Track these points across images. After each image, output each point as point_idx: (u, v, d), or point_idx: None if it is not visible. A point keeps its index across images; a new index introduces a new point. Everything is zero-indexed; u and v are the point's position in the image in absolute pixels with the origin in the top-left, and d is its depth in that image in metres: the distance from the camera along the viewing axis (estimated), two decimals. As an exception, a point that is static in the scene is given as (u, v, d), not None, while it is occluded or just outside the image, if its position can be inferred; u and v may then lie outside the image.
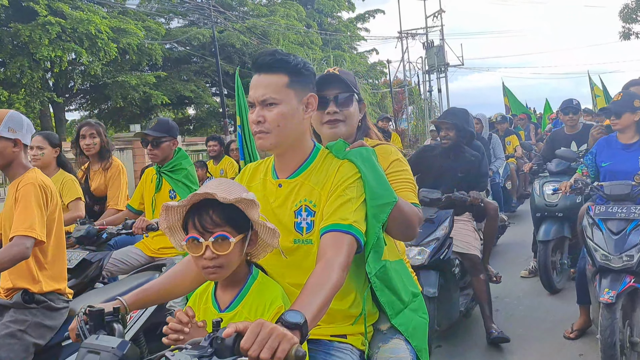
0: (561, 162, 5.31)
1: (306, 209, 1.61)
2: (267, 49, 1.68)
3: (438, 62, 30.95)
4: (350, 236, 1.51)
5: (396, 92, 30.16)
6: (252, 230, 1.50)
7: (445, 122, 4.14)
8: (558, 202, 5.11)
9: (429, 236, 3.70)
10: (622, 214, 3.44)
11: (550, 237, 4.99)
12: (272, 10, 24.48)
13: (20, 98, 15.56)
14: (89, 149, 4.16)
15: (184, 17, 23.01)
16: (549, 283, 4.94)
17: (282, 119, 1.57)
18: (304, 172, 1.66)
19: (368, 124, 2.20)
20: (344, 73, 2.09)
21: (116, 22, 16.48)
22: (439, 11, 32.55)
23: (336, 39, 28.56)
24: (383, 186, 1.64)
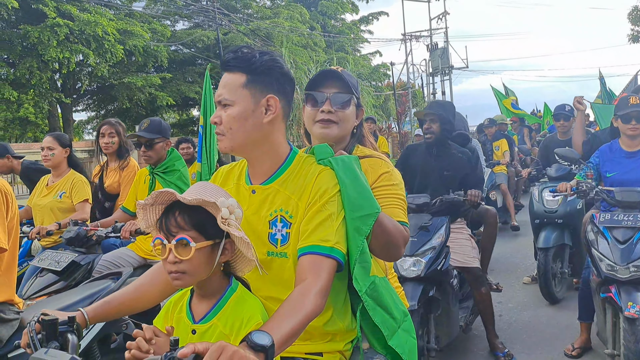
0: (561, 167, 5.18)
1: (282, 220, 1.49)
2: (238, 46, 1.56)
3: (442, 65, 30.97)
4: (331, 260, 1.40)
5: (399, 95, 30.23)
6: (227, 239, 1.39)
7: (430, 112, 3.80)
8: (558, 209, 4.95)
9: (424, 245, 3.43)
10: (629, 222, 3.24)
11: (550, 244, 4.82)
12: (275, 12, 24.60)
13: (29, 98, 15.71)
14: (107, 148, 4.18)
15: (189, 19, 23.15)
16: (548, 293, 4.78)
17: (234, 121, 1.46)
18: (278, 179, 1.53)
19: (364, 132, 2.07)
20: (347, 74, 1.97)
21: (123, 24, 16.63)
22: (443, 13, 32.63)
23: (340, 41, 28.68)
24: (364, 196, 1.51)
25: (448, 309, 3.60)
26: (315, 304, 1.33)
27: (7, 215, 2.38)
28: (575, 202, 4.99)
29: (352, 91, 1.94)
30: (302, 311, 1.30)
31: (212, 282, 1.41)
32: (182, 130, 25.69)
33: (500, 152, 8.42)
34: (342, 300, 1.57)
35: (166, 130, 3.72)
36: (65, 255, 3.15)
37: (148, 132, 3.61)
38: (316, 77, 1.99)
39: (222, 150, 1.52)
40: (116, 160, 4.22)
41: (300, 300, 1.32)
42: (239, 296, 1.42)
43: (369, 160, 1.88)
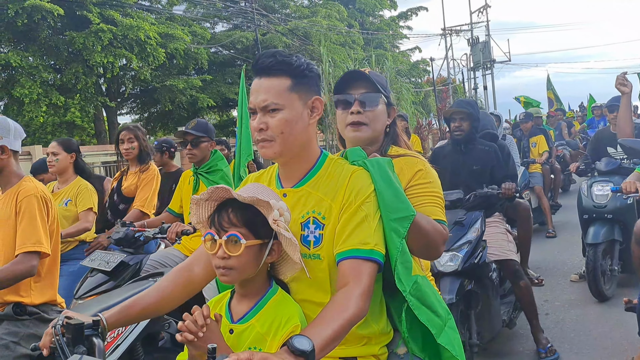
0: (611, 161, 5.06)
1: (314, 221, 1.48)
2: (269, 51, 1.54)
3: (484, 59, 30.43)
4: (371, 263, 1.40)
5: (440, 91, 29.82)
6: (275, 239, 1.41)
7: (461, 110, 3.86)
8: (607, 203, 4.81)
9: (460, 240, 3.44)
10: None
11: (599, 239, 4.71)
12: (313, 11, 24.63)
13: (75, 103, 16.20)
14: (127, 154, 4.20)
15: (228, 21, 23.42)
16: (597, 290, 4.66)
17: (286, 125, 1.45)
18: (310, 181, 1.53)
19: (398, 131, 2.03)
20: (374, 74, 1.96)
21: (164, 28, 16.96)
22: (484, 6, 32.05)
23: (378, 38, 28.49)
24: (400, 199, 1.50)
25: (489, 304, 3.58)
26: (358, 307, 1.34)
27: (48, 220, 2.45)
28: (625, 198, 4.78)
29: (380, 90, 1.91)
30: (345, 315, 1.31)
31: (255, 282, 1.43)
32: (222, 131, 26.01)
33: (537, 149, 8.01)
34: (377, 302, 1.55)
35: (212, 131, 3.79)
36: (114, 255, 3.22)
37: (195, 131, 3.68)
38: (342, 79, 1.97)
39: (269, 156, 1.48)
40: (137, 164, 4.23)
41: (343, 304, 1.33)
42: (279, 299, 1.44)
43: (404, 159, 1.86)
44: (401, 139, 2.02)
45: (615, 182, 4.85)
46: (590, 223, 4.89)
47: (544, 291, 5.19)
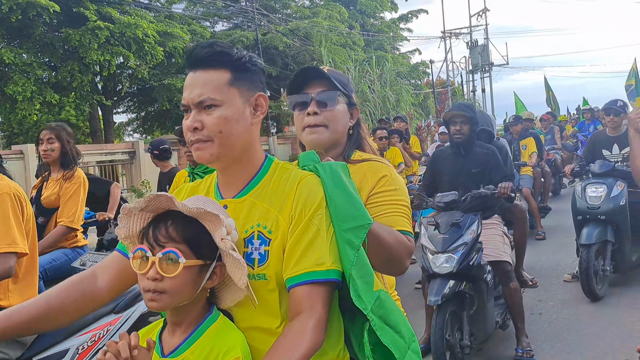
0: (605, 164, 5.14)
1: (259, 236, 1.29)
2: (205, 41, 1.38)
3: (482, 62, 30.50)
4: (328, 285, 1.25)
5: (439, 93, 29.80)
6: (217, 261, 1.24)
7: (461, 114, 3.89)
8: (601, 205, 4.91)
9: (456, 241, 3.48)
10: None
11: (593, 240, 4.79)
12: (314, 12, 24.59)
13: (70, 101, 16.12)
14: (46, 156, 3.72)
15: (228, 20, 23.39)
16: (590, 290, 4.72)
17: (225, 123, 1.29)
18: (254, 189, 1.35)
19: (362, 133, 1.85)
20: (333, 71, 1.80)
21: (162, 26, 16.87)
22: (483, 10, 32.11)
23: (378, 40, 28.45)
24: (353, 206, 1.32)
25: (483, 305, 3.59)
26: (313, 340, 1.20)
27: (23, 219, 2.38)
28: (619, 199, 4.93)
29: (339, 88, 1.74)
30: (298, 353, 1.17)
31: (191, 310, 1.24)
32: (221, 131, 26.00)
33: (527, 152, 7.96)
34: (334, 324, 1.35)
35: None
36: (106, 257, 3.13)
37: None
38: (297, 77, 1.78)
39: (204, 160, 1.31)
40: (59, 170, 3.74)
41: (296, 339, 1.18)
42: (219, 327, 1.25)
43: (367, 164, 1.70)
44: (366, 142, 1.85)
45: (609, 185, 4.97)
46: (584, 224, 4.97)
47: (538, 291, 5.17)
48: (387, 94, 20.26)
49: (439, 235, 3.55)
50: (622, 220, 4.90)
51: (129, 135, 25.63)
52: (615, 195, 4.93)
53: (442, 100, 29.25)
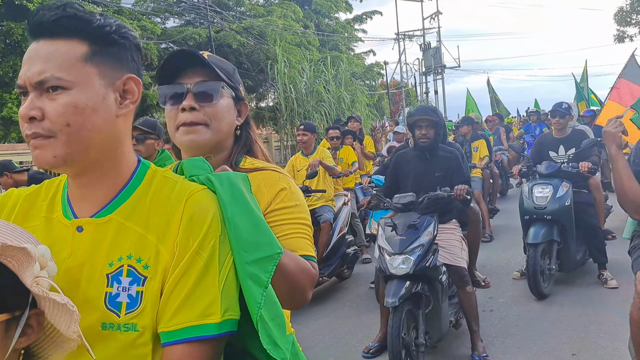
0: (551, 165, 5.29)
1: (130, 273, 0.96)
2: (54, 3, 0.99)
3: (435, 64, 31.06)
4: (217, 342, 0.95)
5: (393, 94, 30.14)
6: (31, 309, 0.85)
7: (426, 118, 3.89)
8: (547, 205, 5.05)
9: (412, 243, 3.53)
10: None
11: (539, 240, 4.92)
12: (269, 10, 24.41)
13: (12, 98, 15.42)
14: None
15: (180, 16, 22.93)
16: (537, 289, 4.85)
17: (74, 113, 0.94)
18: (122, 206, 1.00)
19: (253, 136, 1.53)
20: (215, 58, 1.45)
21: (111, 22, 16.36)
22: (436, 13, 32.69)
23: (333, 40, 28.51)
24: (260, 231, 1.03)
25: (438, 305, 3.67)
26: None
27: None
28: (564, 199, 5.07)
29: (223, 78, 1.41)
30: None
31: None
32: (173, 130, 25.48)
33: (478, 153, 8.09)
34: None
35: (160, 130, 3.66)
36: None
37: (142, 126, 3.56)
38: (167, 63, 1.39)
39: (45, 163, 0.95)
40: None
41: None
42: None
43: (261, 174, 1.38)
44: (257, 146, 1.51)
45: (555, 185, 5.13)
46: (531, 224, 5.12)
47: (489, 289, 5.26)
48: (342, 94, 20.31)
49: (396, 236, 3.60)
50: (568, 220, 5.06)
51: (76, 134, 24.73)
52: (561, 196, 5.06)
53: (396, 101, 29.58)
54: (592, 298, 4.88)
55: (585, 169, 5.03)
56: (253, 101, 25.54)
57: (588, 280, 5.36)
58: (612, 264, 5.46)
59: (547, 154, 5.53)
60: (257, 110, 23.94)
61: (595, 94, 13.96)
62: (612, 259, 5.44)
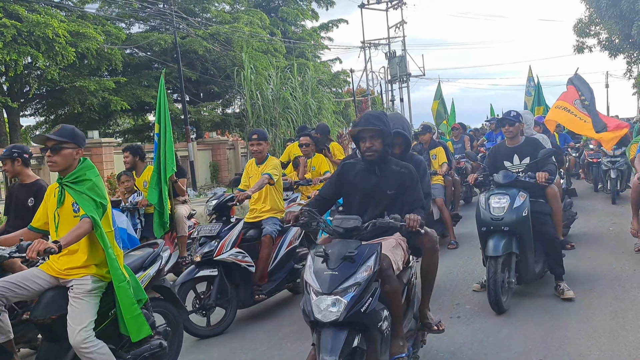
0: (508, 174, 5.22)
1: None
2: None
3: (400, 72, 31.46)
4: None
5: (359, 101, 30.41)
6: None
7: (369, 128, 3.36)
8: (504, 216, 4.93)
9: (346, 280, 2.84)
10: None
11: (499, 252, 4.81)
12: (235, 17, 24.33)
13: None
14: None
15: (145, 22, 22.65)
16: (497, 303, 4.75)
17: None
18: None
19: None
20: None
21: (75, 26, 16.06)
22: (400, 22, 33.11)
23: (300, 48, 28.61)
24: None
25: None
26: None
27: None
28: (521, 209, 4.96)
29: None
30: None
31: None
32: (137, 136, 25.06)
33: (437, 161, 8.05)
34: None
35: (79, 137, 3.44)
36: None
37: (57, 135, 3.34)
38: None
39: None
40: None
41: None
42: None
43: None
44: None
45: (512, 195, 5.02)
46: (489, 235, 5.01)
47: (455, 295, 5.38)
48: (309, 101, 20.40)
49: (326, 270, 2.90)
50: (525, 231, 4.98)
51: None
52: (518, 206, 4.96)
53: (362, 109, 29.83)
54: (553, 307, 4.91)
55: (542, 179, 4.99)
56: (219, 107, 25.40)
57: (546, 292, 5.35)
58: (570, 274, 5.57)
59: (502, 164, 5.46)
60: (223, 117, 23.82)
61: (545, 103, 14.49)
62: (571, 269, 5.53)
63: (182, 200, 7.00)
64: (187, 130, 18.74)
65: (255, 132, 5.72)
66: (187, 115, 19.31)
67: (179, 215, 6.70)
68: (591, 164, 11.93)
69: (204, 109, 23.35)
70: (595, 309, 4.83)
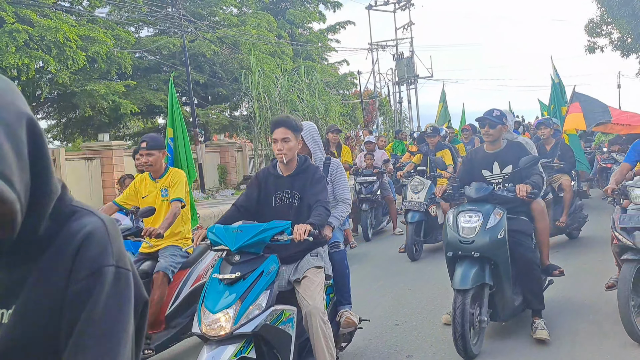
0: (482, 187, 4.28)
1: None
2: None
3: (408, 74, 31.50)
4: None
5: (367, 103, 30.48)
6: None
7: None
8: (475, 239, 3.98)
9: None
10: None
11: (468, 285, 3.88)
12: (243, 20, 24.54)
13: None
14: None
15: (154, 26, 22.89)
16: (464, 348, 3.84)
17: None
18: None
19: None
20: None
21: (85, 31, 16.30)
22: (408, 23, 33.18)
23: (307, 50, 28.76)
24: None
25: None
26: None
27: None
28: (497, 231, 4.02)
29: None
30: None
31: None
32: (147, 138, 25.27)
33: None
34: None
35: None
36: None
37: None
38: None
39: None
40: None
41: None
42: None
43: None
44: None
45: (485, 213, 4.09)
46: (457, 262, 4.09)
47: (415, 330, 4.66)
48: (316, 103, 20.54)
49: None
50: (501, 258, 4.02)
51: (49, 143, 24.43)
52: (492, 227, 4.01)
53: (369, 111, 29.94)
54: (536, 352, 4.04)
55: (523, 193, 4.04)
56: (227, 110, 25.59)
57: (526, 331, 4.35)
58: (553, 308, 4.69)
59: (480, 173, 4.47)
60: (231, 120, 24.01)
61: None
62: (555, 301, 4.80)
63: None
64: (196, 133, 18.93)
65: (144, 140, 4.54)
66: (195, 118, 19.50)
67: None
68: (604, 169, 11.47)
69: (212, 112, 23.55)
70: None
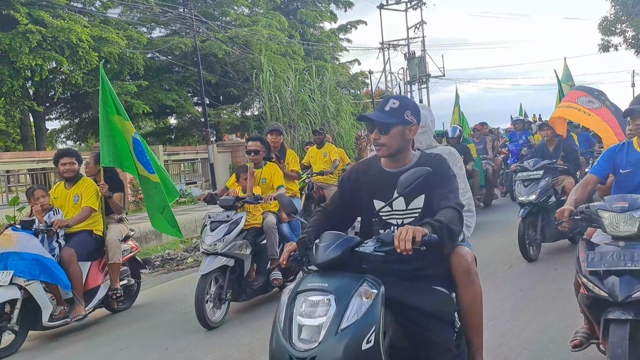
0: (338, 240, 2.56)
1: None
2: None
3: (419, 73, 31.37)
4: None
5: (378, 103, 30.35)
6: None
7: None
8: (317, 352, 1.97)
9: None
10: None
11: None
12: (254, 20, 24.57)
13: (0, 107, 15.38)
14: None
15: (166, 26, 22.99)
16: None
17: None
18: None
19: None
20: None
21: (97, 31, 16.41)
22: (420, 22, 33.05)
23: (318, 50, 28.73)
24: None
25: None
26: None
27: None
28: (360, 334, 2.05)
29: None
30: None
31: None
32: (158, 138, 25.41)
33: None
34: None
35: None
36: None
37: None
38: None
39: None
40: None
41: None
42: None
43: None
44: None
45: (340, 294, 1.95)
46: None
47: None
48: (327, 103, 20.50)
49: None
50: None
51: (62, 143, 24.67)
52: (352, 325, 1.90)
53: (380, 110, 29.80)
54: None
55: (404, 246, 2.18)
56: (238, 110, 25.65)
57: None
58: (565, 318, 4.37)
59: (369, 204, 2.68)
60: (242, 119, 24.06)
61: None
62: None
63: (117, 219, 5.88)
64: (207, 133, 18.98)
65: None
66: (207, 118, 19.55)
67: (112, 239, 5.57)
68: None
69: (223, 112, 23.61)
70: None
